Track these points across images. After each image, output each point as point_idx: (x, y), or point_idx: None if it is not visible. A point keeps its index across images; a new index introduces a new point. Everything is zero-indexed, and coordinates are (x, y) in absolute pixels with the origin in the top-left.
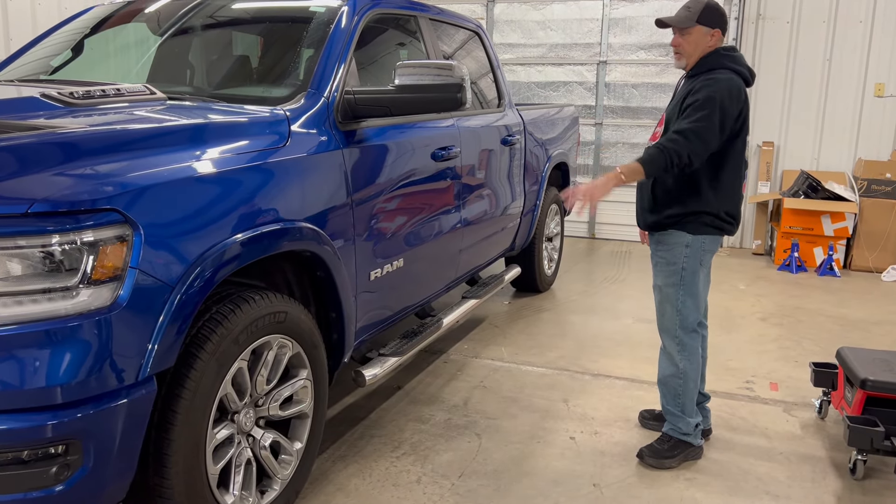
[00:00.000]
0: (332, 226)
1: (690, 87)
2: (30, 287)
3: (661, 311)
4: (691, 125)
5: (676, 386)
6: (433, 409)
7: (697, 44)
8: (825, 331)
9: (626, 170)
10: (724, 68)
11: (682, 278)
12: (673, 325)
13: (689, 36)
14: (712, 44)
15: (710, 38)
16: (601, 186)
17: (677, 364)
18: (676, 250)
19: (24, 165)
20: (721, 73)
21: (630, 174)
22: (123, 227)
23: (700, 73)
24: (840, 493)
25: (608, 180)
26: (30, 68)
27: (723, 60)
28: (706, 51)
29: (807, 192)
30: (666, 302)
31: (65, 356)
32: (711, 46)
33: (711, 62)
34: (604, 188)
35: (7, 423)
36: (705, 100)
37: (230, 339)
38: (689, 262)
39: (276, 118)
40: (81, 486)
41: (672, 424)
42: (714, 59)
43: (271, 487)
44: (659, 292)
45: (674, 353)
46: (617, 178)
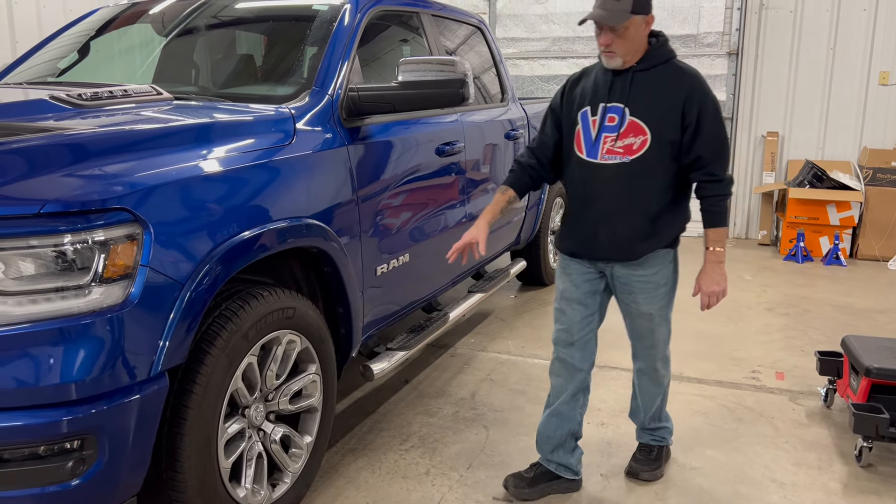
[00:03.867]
0: (338, 222)
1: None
2: (43, 286)
3: (650, 340)
4: (726, 156)
5: (660, 403)
6: (441, 403)
7: (634, 38)
8: (831, 320)
9: (721, 242)
10: (677, 58)
11: (671, 295)
12: (664, 349)
13: (625, 31)
14: (647, 32)
15: (645, 26)
16: (723, 276)
17: (663, 383)
18: (665, 269)
19: (35, 167)
20: (682, 64)
21: (724, 241)
22: (133, 225)
23: (656, 66)
24: (846, 479)
25: (721, 266)
26: (37, 71)
27: (671, 48)
28: (643, 41)
29: (812, 182)
30: (658, 329)
31: (78, 353)
32: (646, 35)
33: (665, 52)
34: (724, 275)
35: (23, 419)
36: (715, 112)
37: (240, 335)
38: (675, 275)
39: (282, 116)
40: (97, 481)
41: (655, 436)
42: (665, 48)
43: (282, 481)
44: (650, 320)
45: (664, 375)
46: (723, 255)
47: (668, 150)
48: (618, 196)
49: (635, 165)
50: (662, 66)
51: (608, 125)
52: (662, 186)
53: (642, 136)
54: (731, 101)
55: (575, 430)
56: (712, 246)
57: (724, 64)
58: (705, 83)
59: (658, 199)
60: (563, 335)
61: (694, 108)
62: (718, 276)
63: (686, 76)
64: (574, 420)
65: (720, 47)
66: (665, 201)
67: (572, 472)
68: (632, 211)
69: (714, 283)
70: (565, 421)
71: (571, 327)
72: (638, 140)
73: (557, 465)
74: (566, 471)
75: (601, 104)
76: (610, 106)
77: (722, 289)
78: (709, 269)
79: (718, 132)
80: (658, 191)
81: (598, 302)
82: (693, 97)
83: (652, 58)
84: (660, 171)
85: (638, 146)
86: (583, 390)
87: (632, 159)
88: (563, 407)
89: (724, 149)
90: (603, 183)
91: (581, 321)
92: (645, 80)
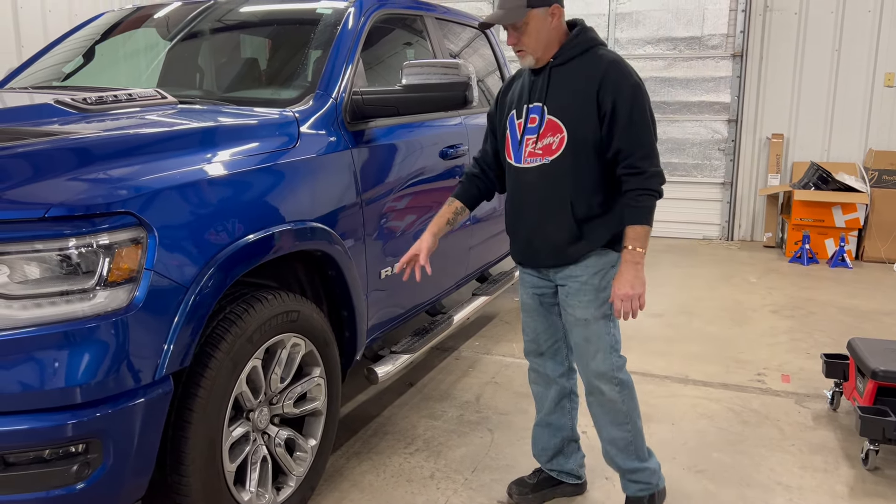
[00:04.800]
0: (342, 225)
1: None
2: (48, 290)
3: (586, 353)
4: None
5: (626, 434)
6: (445, 406)
7: (540, 32)
8: (837, 322)
9: (639, 241)
10: (600, 45)
11: (612, 306)
12: (608, 366)
13: (527, 27)
14: (556, 24)
15: (551, 18)
16: (638, 279)
17: (621, 409)
18: (607, 273)
19: (40, 171)
20: (604, 51)
21: (645, 242)
22: (138, 229)
23: (573, 57)
24: (852, 482)
25: (638, 268)
26: (42, 75)
27: (593, 36)
28: (555, 34)
29: (817, 184)
30: (595, 339)
31: (83, 357)
32: (557, 28)
33: (584, 41)
34: (640, 278)
35: (28, 422)
36: (633, 97)
37: (244, 339)
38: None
39: (286, 120)
40: (102, 484)
41: (639, 483)
42: (585, 37)
43: (287, 484)
44: (584, 328)
45: (615, 399)
46: (640, 257)
47: (588, 146)
48: (542, 199)
49: (555, 166)
50: (580, 58)
51: (530, 126)
52: (589, 185)
53: (560, 135)
54: (735, 104)
55: (570, 436)
56: (629, 244)
57: (728, 66)
58: (623, 68)
59: (584, 199)
60: (530, 346)
61: (608, 97)
62: (633, 279)
63: (601, 64)
64: (566, 427)
65: (724, 49)
66: (594, 201)
67: (574, 478)
68: (558, 213)
69: (627, 286)
70: (557, 430)
71: (537, 338)
72: (556, 139)
73: (559, 472)
74: (568, 476)
75: (524, 106)
76: (531, 106)
77: (636, 293)
78: (623, 269)
79: (637, 120)
80: (583, 191)
81: (557, 310)
82: (606, 85)
83: (568, 50)
84: (583, 169)
85: (556, 145)
86: (566, 396)
87: (551, 160)
88: (551, 417)
89: (645, 138)
90: (528, 187)
91: (545, 331)
92: (561, 74)
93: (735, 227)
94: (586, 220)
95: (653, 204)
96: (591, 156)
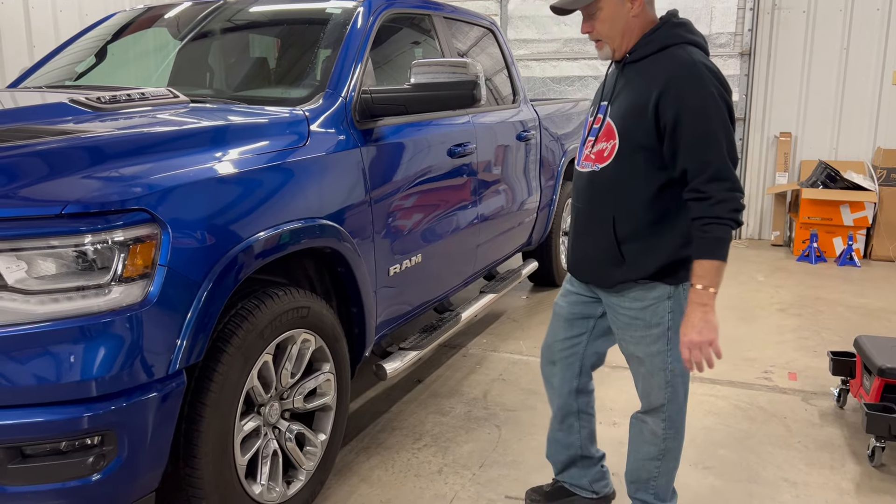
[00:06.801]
0: (351, 223)
1: (641, 77)
2: (64, 285)
3: (645, 387)
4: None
5: (653, 470)
6: (453, 402)
7: (615, 18)
8: (844, 320)
9: (707, 279)
10: (685, 43)
11: (670, 340)
12: (662, 402)
13: (600, 13)
14: (637, 12)
15: (630, 4)
16: (707, 324)
17: (659, 445)
18: (658, 307)
19: (55, 169)
20: (683, 51)
21: (715, 279)
22: (152, 226)
23: (648, 55)
24: (858, 479)
25: (706, 310)
26: (56, 75)
27: (679, 32)
28: (636, 23)
29: (825, 182)
30: (649, 376)
31: (98, 351)
32: (640, 16)
33: (664, 37)
34: (710, 323)
35: (45, 415)
36: (701, 109)
37: (255, 334)
38: (675, 318)
39: (296, 118)
40: (116, 476)
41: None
42: (666, 32)
43: (297, 478)
44: (640, 364)
45: (658, 433)
46: (709, 297)
47: (640, 158)
48: (588, 210)
49: (604, 175)
50: (655, 56)
51: (595, 127)
52: (637, 204)
53: (612, 141)
54: (743, 102)
55: (581, 454)
56: (696, 282)
57: (736, 64)
58: (696, 75)
59: (630, 218)
60: (545, 350)
61: (670, 109)
62: (700, 323)
63: (672, 67)
64: (574, 446)
65: (732, 48)
66: (642, 223)
67: (590, 492)
68: (600, 228)
69: (694, 332)
70: (564, 447)
71: (553, 345)
72: (609, 145)
73: (570, 484)
74: (580, 489)
75: (599, 103)
76: (602, 104)
77: (705, 339)
78: (689, 312)
79: (703, 136)
80: (630, 208)
81: (589, 327)
82: (668, 93)
83: (644, 45)
84: (632, 184)
85: (608, 152)
86: (573, 414)
87: (602, 167)
88: (558, 434)
89: (712, 157)
90: (579, 193)
91: (563, 341)
92: (633, 72)
93: (743, 225)
94: (629, 242)
95: (724, 234)
96: (644, 170)
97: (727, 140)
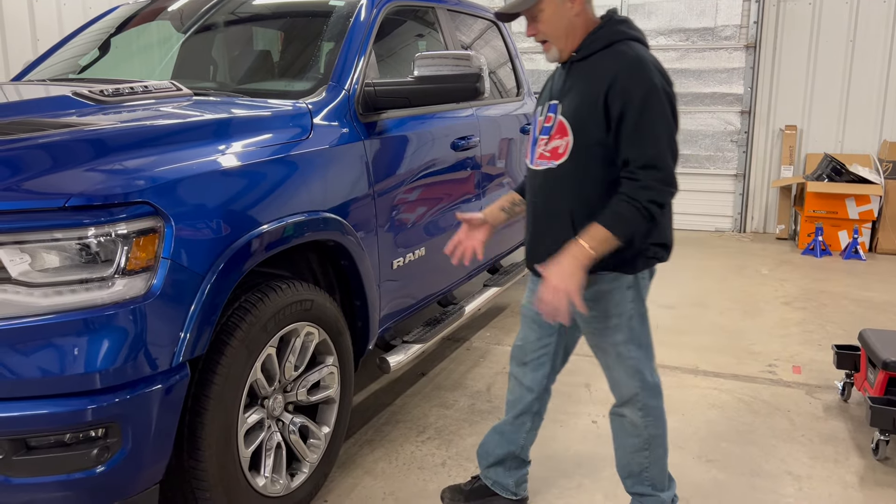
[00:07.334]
0: (354, 216)
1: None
2: (68, 278)
3: (612, 378)
4: (653, 156)
5: (642, 461)
6: (457, 395)
7: (558, 18)
8: (849, 314)
9: (593, 241)
10: (629, 39)
11: (632, 330)
12: (633, 391)
13: (542, 15)
14: (578, 11)
15: (570, 3)
16: (573, 276)
17: (641, 434)
18: (619, 298)
19: (59, 161)
20: (627, 47)
21: (600, 246)
22: (155, 218)
23: (594, 53)
24: (862, 472)
25: (576, 263)
26: (59, 68)
27: (622, 29)
28: (579, 22)
29: (831, 176)
30: (617, 365)
31: (102, 344)
32: (581, 15)
33: (608, 35)
34: (576, 277)
35: (49, 407)
36: (644, 100)
37: (259, 327)
38: (637, 306)
39: (299, 111)
40: (121, 468)
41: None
42: (609, 29)
43: (301, 470)
44: (604, 354)
45: (637, 423)
46: (586, 256)
47: (593, 154)
48: (545, 207)
49: (560, 172)
50: (601, 53)
51: (545, 126)
52: (593, 198)
53: (566, 139)
54: (748, 95)
55: (517, 453)
56: (582, 239)
57: (741, 57)
58: (641, 69)
59: (587, 213)
60: (516, 351)
61: (617, 103)
62: (566, 272)
63: (617, 63)
64: (516, 443)
65: (738, 40)
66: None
67: (511, 493)
68: (558, 224)
69: (558, 278)
70: (506, 442)
71: (525, 346)
72: (563, 143)
73: (493, 482)
74: (503, 490)
75: (546, 102)
76: (551, 104)
77: (564, 287)
78: (561, 259)
79: (646, 130)
80: (586, 203)
81: (556, 326)
82: (615, 87)
83: (589, 44)
84: (587, 180)
85: (563, 149)
86: (531, 413)
87: (557, 164)
88: (507, 427)
89: (652, 149)
90: (535, 191)
91: (536, 341)
92: (581, 70)
93: (748, 219)
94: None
95: (631, 216)
96: (597, 166)
97: (668, 133)
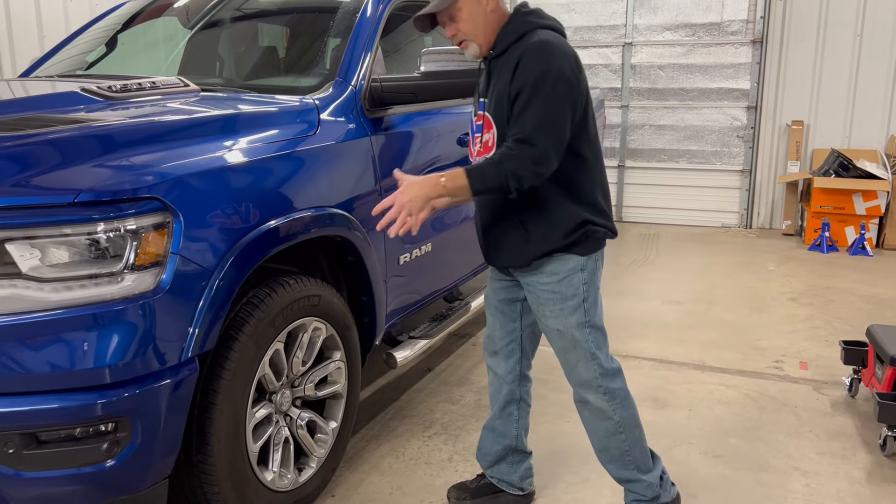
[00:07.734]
0: (361, 211)
1: (504, 68)
2: (77, 273)
3: (567, 363)
4: (531, 130)
5: (620, 444)
6: (463, 391)
7: (475, 16)
8: (856, 310)
9: (450, 182)
10: (538, 28)
11: (587, 312)
12: (592, 375)
13: (460, 14)
14: (493, 7)
15: (484, 2)
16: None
17: (612, 418)
18: (572, 279)
19: (68, 157)
20: (534, 35)
21: (454, 187)
22: (164, 214)
23: (508, 47)
24: (870, 468)
25: (429, 188)
26: (67, 64)
27: (530, 19)
28: (494, 18)
29: (838, 171)
30: (574, 348)
31: (112, 339)
32: (496, 12)
33: (517, 27)
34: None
35: (60, 402)
36: (537, 82)
37: (267, 322)
38: (590, 289)
39: (306, 107)
40: (130, 462)
41: (634, 493)
42: (518, 21)
43: (308, 465)
44: (560, 337)
45: (604, 408)
46: (437, 186)
47: None
48: (487, 199)
49: None
50: (514, 45)
51: (478, 123)
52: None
53: (492, 131)
54: (755, 90)
55: (514, 445)
56: (443, 175)
57: (748, 52)
58: (540, 53)
59: (527, 195)
60: (486, 342)
61: (517, 85)
62: (416, 192)
63: (522, 52)
64: (510, 436)
65: (744, 35)
66: (540, 197)
67: (517, 489)
68: (500, 214)
69: (406, 195)
70: (500, 437)
71: (493, 335)
72: (490, 136)
73: (499, 480)
74: (509, 486)
75: (478, 100)
76: (481, 101)
77: (409, 203)
78: (417, 179)
79: (533, 106)
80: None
81: (517, 311)
82: (517, 73)
83: (503, 38)
84: None
85: (492, 142)
86: (515, 402)
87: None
88: (497, 422)
89: (531, 126)
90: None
91: (501, 329)
92: (498, 65)
93: (754, 214)
94: (533, 218)
95: (491, 176)
96: None
97: (555, 114)
